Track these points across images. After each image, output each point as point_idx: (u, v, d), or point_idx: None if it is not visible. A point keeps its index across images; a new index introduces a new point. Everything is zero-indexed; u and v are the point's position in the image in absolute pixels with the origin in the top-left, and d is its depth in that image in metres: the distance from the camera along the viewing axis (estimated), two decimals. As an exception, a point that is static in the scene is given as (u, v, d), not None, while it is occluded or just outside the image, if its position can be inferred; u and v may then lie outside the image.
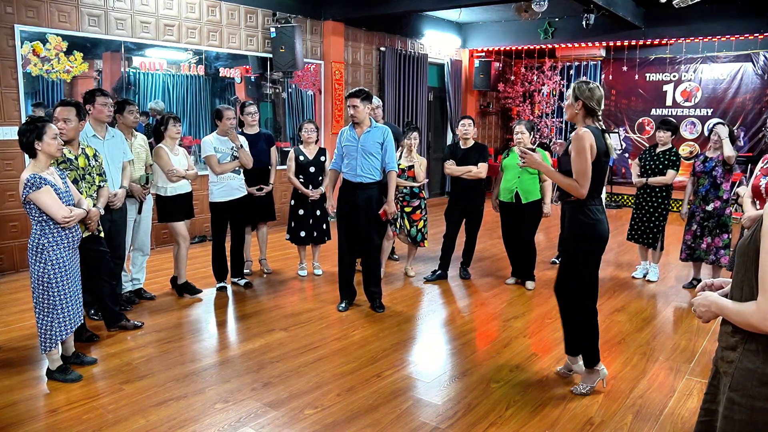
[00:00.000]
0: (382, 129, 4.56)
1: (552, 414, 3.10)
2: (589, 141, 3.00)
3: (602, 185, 3.15)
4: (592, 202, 3.11)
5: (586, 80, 3.13)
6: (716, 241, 5.11)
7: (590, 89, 3.07)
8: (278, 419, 3.01)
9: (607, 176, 3.28)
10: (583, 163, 3.01)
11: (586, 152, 3.00)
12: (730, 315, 1.60)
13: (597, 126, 3.09)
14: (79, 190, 3.66)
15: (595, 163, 3.01)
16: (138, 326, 4.19)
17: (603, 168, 3.11)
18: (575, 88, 3.10)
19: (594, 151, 3.00)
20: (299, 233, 5.51)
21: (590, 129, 3.04)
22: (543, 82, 11.76)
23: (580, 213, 3.13)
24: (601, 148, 3.03)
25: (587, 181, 3.01)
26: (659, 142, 5.46)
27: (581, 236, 3.16)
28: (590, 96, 3.06)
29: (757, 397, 1.55)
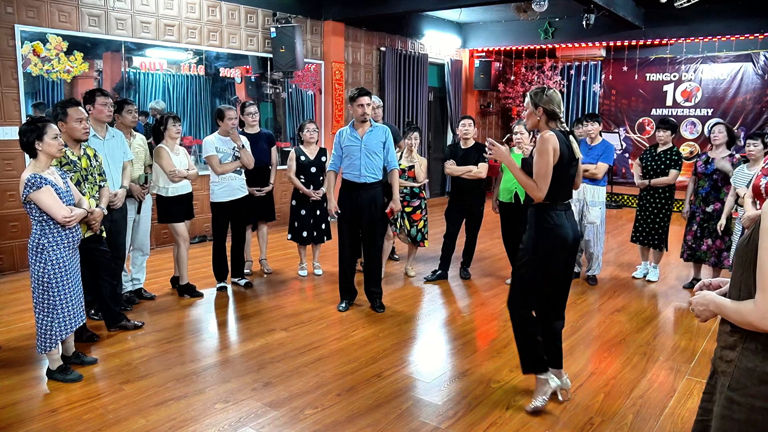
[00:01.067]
0: (383, 128, 4.57)
1: (552, 414, 3.10)
2: (552, 144, 2.94)
3: (567, 190, 3.06)
4: (553, 207, 3.03)
5: (541, 87, 3.09)
6: (717, 242, 5.10)
7: (547, 95, 3.03)
8: (278, 419, 3.01)
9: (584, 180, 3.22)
10: (543, 166, 2.95)
11: (548, 154, 2.94)
12: (728, 314, 1.60)
13: (561, 129, 3.03)
14: (83, 191, 3.67)
15: (557, 166, 2.95)
16: (138, 326, 4.20)
17: (567, 172, 3.02)
18: (532, 96, 3.06)
19: (557, 155, 2.93)
20: (302, 233, 5.51)
21: (555, 132, 2.98)
22: (543, 82, 11.76)
23: (539, 217, 3.05)
24: (565, 153, 2.97)
25: (546, 184, 2.94)
26: (659, 141, 5.45)
27: (536, 241, 3.05)
28: (549, 101, 3.02)
29: (757, 396, 1.54)
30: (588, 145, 5.54)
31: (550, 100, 3.02)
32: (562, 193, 3.04)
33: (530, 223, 3.09)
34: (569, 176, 3.05)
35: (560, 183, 3.01)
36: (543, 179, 2.96)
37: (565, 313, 3.26)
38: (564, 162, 2.97)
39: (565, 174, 3.01)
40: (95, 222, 3.66)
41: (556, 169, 2.94)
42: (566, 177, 3.03)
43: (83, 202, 3.48)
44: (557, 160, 2.94)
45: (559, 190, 3.02)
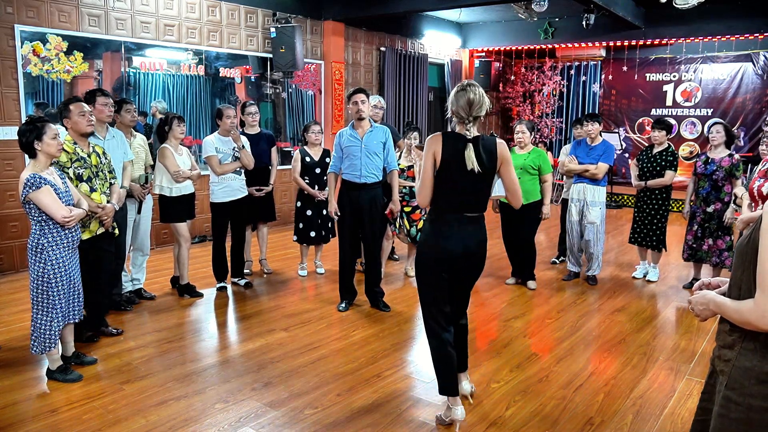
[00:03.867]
0: (382, 129, 4.58)
1: (552, 414, 3.10)
2: (431, 147, 2.71)
3: (454, 198, 2.76)
4: (436, 215, 2.81)
5: (462, 83, 2.77)
6: (718, 243, 5.10)
7: (455, 94, 2.74)
8: (278, 419, 3.01)
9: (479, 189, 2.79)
10: (422, 170, 2.75)
11: (425, 158, 2.72)
12: (728, 313, 1.60)
13: (465, 133, 2.72)
14: (93, 188, 3.70)
15: (441, 172, 2.71)
16: (118, 333, 4.12)
17: (453, 178, 2.71)
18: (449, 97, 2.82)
19: (438, 158, 2.70)
20: (309, 233, 5.51)
21: (446, 134, 2.74)
22: (543, 82, 11.76)
23: (425, 225, 2.89)
24: (450, 156, 2.69)
25: (424, 188, 2.74)
26: (655, 141, 5.45)
27: (418, 251, 2.90)
28: (454, 101, 2.74)
29: (755, 396, 1.55)
30: (588, 145, 5.55)
31: (455, 100, 2.74)
32: (452, 202, 2.77)
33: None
34: (455, 184, 2.73)
35: (446, 190, 2.75)
36: (421, 184, 2.77)
37: (466, 312, 3.12)
38: (451, 169, 2.70)
39: (453, 182, 2.73)
40: (107, 218, 3.70)
41: (440, 176, 2.72)
42: (456, 186, 2.73)
43: (82, 203, 3.48)
44: (440, 165, 2.71)
45: (447, 198, 2.76)
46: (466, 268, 2.88)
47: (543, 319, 4.58)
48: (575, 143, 5.76)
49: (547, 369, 3.66)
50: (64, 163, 3.58)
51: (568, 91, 11.88)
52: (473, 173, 2.69)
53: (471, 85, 2.74)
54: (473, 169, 2.68)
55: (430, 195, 2.77)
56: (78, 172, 3.64)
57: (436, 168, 2.73)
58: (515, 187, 2.85)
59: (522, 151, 5.20)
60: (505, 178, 2.84)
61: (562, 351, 3.95)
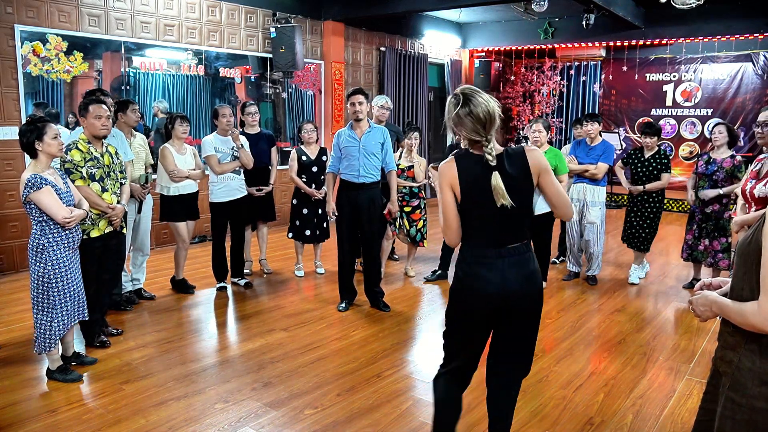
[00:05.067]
0: (381, 129, 4.58)
1: (552, 414, 3.10)
2: (446, 178, 2.24)
3: (489, 230, 2.24)
4: (465, 252, 2.30)
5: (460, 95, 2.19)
6: (714, 244, 5.09)
7: (456, 113, 2.18)
8: (278, 419, 3.01)
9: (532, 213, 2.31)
10: (441, 206, 2.29)
11: (441, 193, 2.26)
12: (730, 315, 1.59)
13: (486, 156, 2.18)
14: (105, 188, 3.71)
15: (464, 204, 2.24)
16: (118, 333, 4.10)
17: (482, 209, 2.21)
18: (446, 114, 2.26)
19: (457, 190, 2.22)
20: (304, 232, 5.52)
21: (460, 158, 2.25)
22: (543, 82, 11.76)
23: (458, 263, 2.35)
24: (472, 185, 2.20)
25: (449, 227, 2.28)
26: (646, 147, 5.43)
27: (450, 293, 2.41)
28: (457, 122, 2.20)
29: (758, 398, 1.54)
30: (588, 145, 5.55)
31: (459, 122, 2.20)
32: (487, 235, 2.25)
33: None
34: (494, 215, 2.20)
35: (478, 223, 2.26)
36: (444, 223, 2.30)
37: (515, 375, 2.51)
38: (475, 199, 2.21)
39: (484, 213, 2.22)
40: (116, 218, 3.73)
41: (465, 208, 2.25)
42: (487, 216, 2.22)
43: (83, 203, 3.48)
44: (461, 197, 2.23)
45: (480, 231, 2.27)
46: (515, 315, 2.29)
47: (543, 319, 4.58)
48: (575, 143, 5.76)
49: (547, 369, 3.66)
50: (77, 162, 3.60)
51: (568, 91, 11.88)
52: (479, 197, 2.22)
53: (472, 95, 2.18)
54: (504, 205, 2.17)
55: (459, 232, 2.29)
56: (91, 171, 3.66)
57: (457, 201, 2.25)
58: (562, 199, 2.28)
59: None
60: (547, 190, 2.27)
61: (562, 351, 3.95)
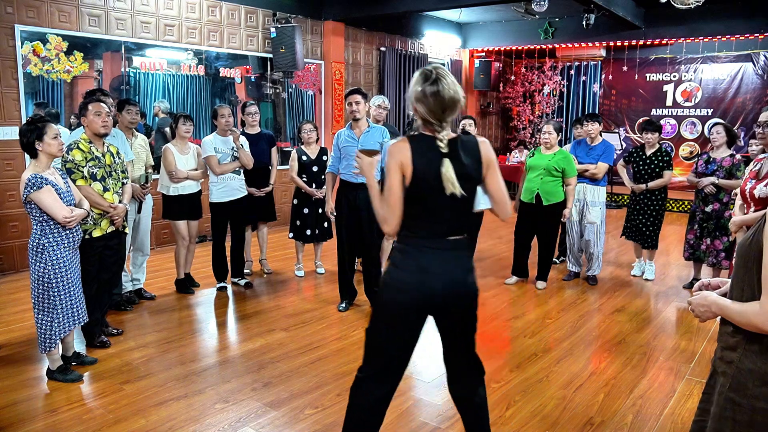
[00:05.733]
0: (380, 129, 4.58)
1: (552, 414, 3.10)
2: (397, 158, 2.05)
3: (433, 220, 2.11)
4: (404, 241, 2.15)
5: (428, 71, 2.08)
6: (716, 243, 5.09)
7: (420, 87, 2.06)
8: (278, 419, 3.01)
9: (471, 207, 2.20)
10: (387, 188, 2.09)
11: (390, 173, 2.07)
12: (731, 315, 1.59)
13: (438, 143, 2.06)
14: (106, 188, 3.72)
15: (412, 189, 2.07)
16: (118, 333, 4.10)
17: (429, 197, 2.07)
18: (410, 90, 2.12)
19: (408, 173, 2.05)
20: (305, 231, 5.52)
21: (414, 140, 2.09)
22: (543, 82, 11.76)
23: (392, 253, 2.22)
24: (424, 170, 2.05)
25: (391, 212, 2.07)
26: (647, 144, 5.46)
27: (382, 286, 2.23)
28: (420, 98, 2.07)
29: (759, 398, 1.54)
30: (588, 145, 5.55)
31: (421, 99, 2.06)
32: (430, 225, 2.12)
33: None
34: (441, 204, 2.08)
35: (421, 211, 2.10)
36: (387, 206, 2.09)
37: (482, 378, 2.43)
38: (425, 186, 2.06)
39: (431, 201, 2.08)
40: (118, 217, 3.75)
41: (412, 194, 2.08)
42: (434, 205, 2.09)
43: (84, 203, 3.48)
44: (410, 180, 2.06)
45: (423, 220, 2.11)
46: (456, 312, 2.22)
47: (543, 319, 4.58)
48: (575, 143, 5.76)
49: (547, 369, 3.66)
50: (79, 162, 3.60)
51: (568, 91, 11.88)
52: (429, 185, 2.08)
53: (444, 76, 2.06)
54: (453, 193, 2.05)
55: (399, 219, 2.10)
56: (92, 171, 3.67)
57: (405, 185, 2.08)
58: (502, 196, 2.21)
59: (548, 152, 5.15)
60: (490, 186, 2.19)
61: (562, 351, 3.96)
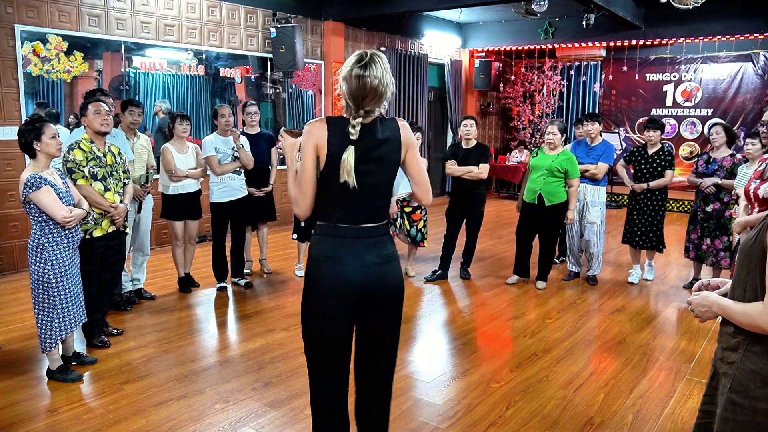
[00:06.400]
0: None
1: (552, 414, 3.10)
2: (312, 138, 2.00)
3: (346, 205, 2.03)
4: (319, 230, 2.09)
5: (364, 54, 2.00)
6: (716, 243, 5.09)
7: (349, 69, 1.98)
8: (278, 419, 3.01)
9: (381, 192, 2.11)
10: (301, 169, 2.03)
11: (304, 153, 2.01)
12: (733, 316, 1.58)
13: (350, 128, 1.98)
14: (107, 187, 3.73)
15: (326, 171, 2.01)
16: (118, 333, 4.10)
17: (337, 180, 1.98)
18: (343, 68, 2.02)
19: (322, 153, 1.99)
20: (309, 232, 5.52)
21: (332, 121, 2.03)
22: (543, 82, 11.76)
23: (312, 243, 2.13)
24: (337, 151, 1.98)
25: (303, 193, 2.03)
26: (649, 141, 5.38)
27: (305, 282, 2.12)
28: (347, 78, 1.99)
29: (760, 399, 1.53)
30: (588, 145, 5.55)
31: (347, 80, 1.99)
32: (342, 211, 2.04)
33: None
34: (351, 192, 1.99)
35: (334, 195, 2.03)
36: (298, 187, 2.04)
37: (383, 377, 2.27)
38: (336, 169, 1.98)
39: (341, 186, 1.99)
40: (119, 217, 3.75)
41: (325, 176, 2.02)
42: (344, 191, 2.00)
43: (83, 203, 3.48)
44: (325, 162, 2.00)
45: (335, 205, 2.04)
46: (376, 305, 2.10)
47: (543, 319, 4.58)
48: (575, 143, 5.76)
49: (547, 369, 3.66)
50: (80, 162, 3.61)
51: (568, 91, 11.88)
52: (370, 171, 2.02)
53: (373, 60, 1.97)
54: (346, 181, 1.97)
55: (311, 202, 2.04)
56: (93, 171, 3.67)
57: (319, 167, 2.03)
58: (423, 179, 2.15)
59: (551, 153, 5.14)
60: (410, 168, 2.12)
61: (562, 351, 3.95)
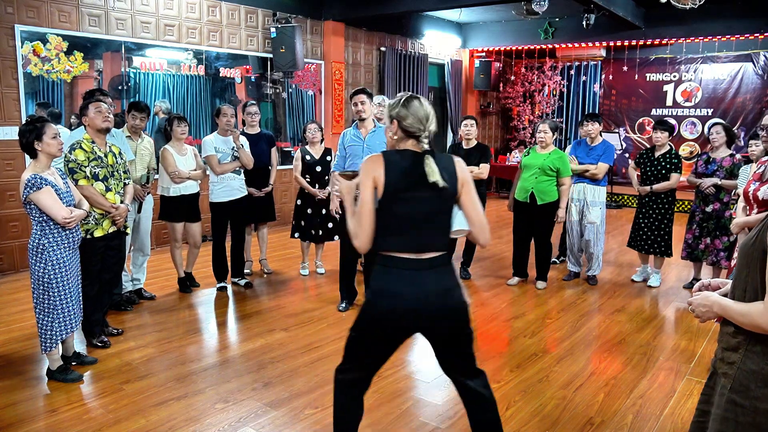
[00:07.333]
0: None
1: (552, 414, 3.10)
2: (370, 171, 2.10)
3: (405, 234, 2.11)
4: (379, 261, 2.16)
5: (405, 95, 2.23)
6: (716, 243, 5.09)
7: (405, 104, 2.17)
8: (278, 419, 3.01)
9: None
10: (359, 203, 2.12)
11: (363, 187, 2.11)
12: (734, 316, 1.58)
13: (416, 150, 2.16)
14: (108, 188, 3.73)
15: (385, 200, 2.10)
16: (118, 333, 4.10)
17: (401, 209, 2.10)
18: (388, 107, 2.24)
19: (380, 185, 2.09)
20: (309, 231, 5.53)
21: (388, 153, 2.17)
22: (543, 82, 11.76)
23: (373, 272, 2.20)
24: (397, 180, 2.09)
25: (363, 226, 2.10)
26: (656, 143, 5.32)
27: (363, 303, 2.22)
28: (406, 113, 2.15)
29: (761, 399, 1.53)
30: (588, 145, 5.55)
31: (406, 114, 2.15)
32: (401, 241, 2.12)
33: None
34: (413, 217, 2.10)
35: (393, 226, 2.11)
36: (356, 221, 2.13)
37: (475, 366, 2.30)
38: (398, 197, 2.09)
39: (403, 214, 2.10)
40: (120, 217, 3.76)
41: (384, 207, 2.11)
42: (406, 218, 2.11)
43: (83, 203, 3.49)
44: (383, 193, 2.09)
45: (395, 236, 2.12)
46: (441, 332, 2.18)
47: (543, 319, 4.58)
48: (575, 143, 5.76)
49: (547, 369, 3.66)
50: (81, 162, 3.61)
51: (568, 91, 11.88)
52: (429, 199, 2.10)
53: (418, 96, 2.24)
54: (436, 183, 2.07)
55: (371, 234, 2.11)
56: (94, 171, 3.67)
57: (377, 199, 2.11)
58: (480, 218, 2.19)
59: (543, 151, 5.15)
60: (467, 207, 2.19)
61: (562, 351, 3.96)
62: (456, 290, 2.17)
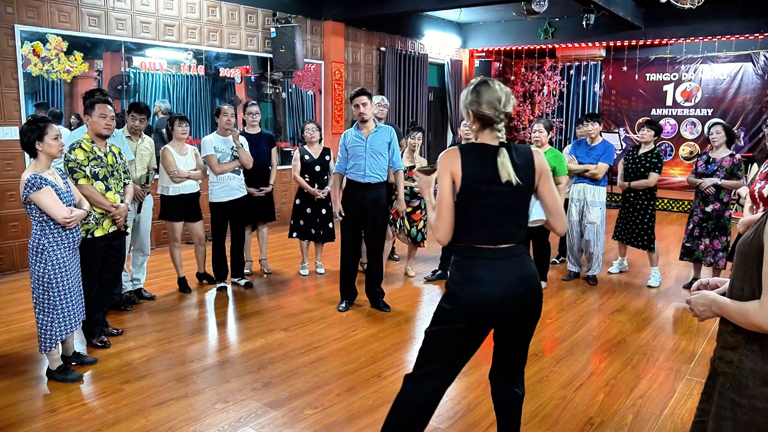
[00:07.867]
0: (387, 129, 4.57)
1: (552, 414, 3.10)
2: (448, 165, 2.12)
3: (484, 227, 2.13)
4: (463, 252, 2.17)
5: (474, 81, 2.19)
6: (714, 243, 5.10)
7: (475, 91, 2.14)
8: (278, 419, 3.01)
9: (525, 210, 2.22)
10: (438, 197, 2.15)
11: (441, 181, 2.14)
12: (731, 314, 1.58)
13: (491, 140, 2.15)
14: (108, 187, 3.73)
15: (462, 195, 2.12)
16: (118, 333, 4.10)
17: (479, 202, 2.12)
18: (462, 102, 2.20)
19: (457, 179, 2.11)
20: (309, 230, 5.53)
21: (464, 147, 2.16)
22: (543, 83, 11.76)
23: (452, 265, 2.23)
24: (474, 173, 2.11)
25: (443, 220, 2.13)
26: (642, 140, 5.41)
27: (443, 296, 2.24)
28: (476, 99, 2.12)
29: (760, 398, 1.53)
30: (588, 145, 5.55)
31: (477, 99, 2.12)
32: (480, 233, 2.13)
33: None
34: (491, 210, 2.12)
35: (472, 219, 2.13)
36: (437, 215, 2.15)
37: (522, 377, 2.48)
38: (475, 190, 2.11)
39: (481, 207, 2.13)
40: (120, 217, 3.76)
41: (462, 201, 2.13)
42: (485, 211, 2.13)
43: (83, 203, 3.49)
44: (460, 187, 2.12)
45: (473, 228, 2.14)
46: (514, 319, 2.22)
47: (543, 319, 4.58)
48: (575, 143, 5.76)
49: (547, 369, 3.66)
50: (81, 161, 3.61)
51: (568, 91, 11.88)
52: (506, 193, 2.11)
53: (489, 79, 2.18)
54: (510, 181, 2.08)
55: (450, 227, 2.14)
56: (94, 170, 3.68)
57: (455, 193, 2.13)
58: (558, 207, 2.22)
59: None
60: (546, 197, 2.21)
61: (562, 351, 3.96)
62: (535, 277, 2.22)
